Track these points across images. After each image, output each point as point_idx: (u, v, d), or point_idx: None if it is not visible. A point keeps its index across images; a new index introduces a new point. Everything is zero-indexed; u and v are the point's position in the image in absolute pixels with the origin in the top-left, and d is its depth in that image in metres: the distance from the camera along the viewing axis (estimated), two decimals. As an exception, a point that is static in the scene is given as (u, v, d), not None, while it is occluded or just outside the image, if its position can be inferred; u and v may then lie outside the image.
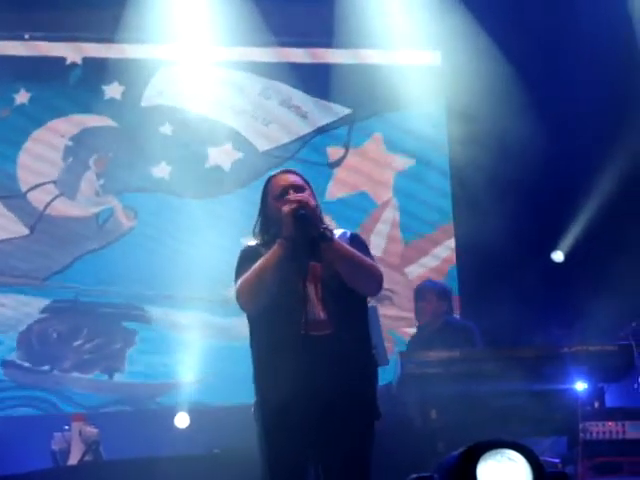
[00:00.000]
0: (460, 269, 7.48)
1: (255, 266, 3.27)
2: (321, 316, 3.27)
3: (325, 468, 3.25)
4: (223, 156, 7.46)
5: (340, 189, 7.54)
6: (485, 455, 3.25)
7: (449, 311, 5.84)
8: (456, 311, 6.63)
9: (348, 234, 3.48)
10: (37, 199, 7.14)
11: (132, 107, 7.35)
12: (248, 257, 3.37)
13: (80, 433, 5.58)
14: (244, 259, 3.39)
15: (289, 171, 3.55)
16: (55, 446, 5.69)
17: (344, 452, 3.22)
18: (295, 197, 3.33)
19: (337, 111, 7.62)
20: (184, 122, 7.37)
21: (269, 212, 3.44)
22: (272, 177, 3.52)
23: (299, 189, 3.41)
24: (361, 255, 3.34)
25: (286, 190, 3.40)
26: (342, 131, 7.65)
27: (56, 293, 7.05)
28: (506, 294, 6.57)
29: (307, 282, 3.27)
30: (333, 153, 7.65)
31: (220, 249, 6.57)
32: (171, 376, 7.00)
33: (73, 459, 5.53)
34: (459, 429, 4.66)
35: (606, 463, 4.62)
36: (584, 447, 4.63)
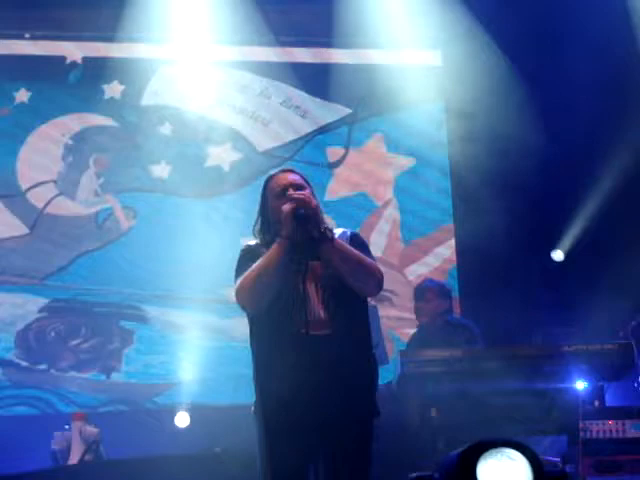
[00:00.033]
0: (460, 269, 7.47)
1: (255, 265, 3.26)
2: (321, 315, 3.26)
3: (325, 467, 3.24)
4: (223, 156, 7.46)
5: (340, 189, 7.54)
6: (485, 454, 3.26)
7: (449, 310, 5.84)
8: (456, 310, 6.63)
9: (348, 233, 3.46)
10: (37, 198, 7.15)
11: (132, 106, 7.37)
12: (248, 256, 3.36)
13: (80, 432, 5.60)
14: (244, 258, 3.38)
15: (289, 170, 3.54)
16: (55, 445, 5.70)
17: (344, 451, 3.21)
18: (295, 194, 3.32)
19: (337, 111, 7.63)
20: (184, 121, 7.39)
21: (269, 211, 3.43)
22: (272, 176, 3.51)
23: (299, 188, 3.39)
24: (362, 255, 3.33)
25: (286, 189, 3.38)
26: (342, 131, 7.66)
27: (55, 292, 7.05)
28: (506, 293, 6.58)
29: (307, 281, 3.27)
30: (333, 153, 7.65)
31: (219, 249, 6.56)
32: (168, 376, 7.00)
33: (73, 458, 5.54)
34: (459, 428, 4.65)
35: (606, 462, 4.61)
36: (584, 446, 4.62)
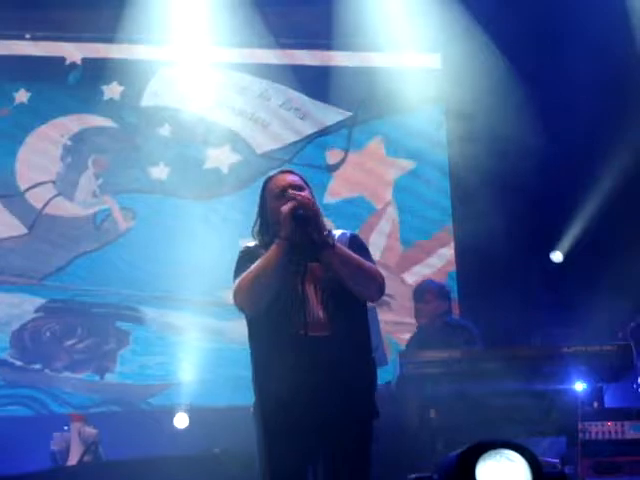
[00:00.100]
0: (460, 270, 7.46)
1: (253, 266, 3.25)
2: (320, 317, 3.25)
3: (324, 468, 3.24)
4: (222, 158, 7.45)
5: (339, 192, 7.53)
6: (484, 455, 3.26)
7: (448, 311, 5.83)
8: (456, 311, 6.62)
9: (348, 234, 3.45)
10: (35, 198, 7.15)
11: (131, 107, 7.37)
12: (247, 258, 3.35)
13: (79, 434, 5.61)
14: (243, 260, 3.37)
15: (288, 171, 3.54)
16: (54, 446, 5.72)
17: (343, 452, 3.21)
18: (294, 195, 3.31)
19: (337, 113, 7.62)
20: (183, 123, 7.38)
21: (268, 212, 3.42)
22: (271, 177, 3.50)
23: (298, 189, 3.38)
24: (362, 260, 3.32)
25: (285, 190, 3.37)
26: (342, 133, 7.64)
27: (53, 293, 7.05)
28: (506, 294, 6.58)
29: (306, 283, 3.27)
30: (332, 156, 7.63)
31: (218, 251, 6.54)
32: (163, 377, 6.98)
33: (72, 459, 5.54)
34: (458, 429, 4.64)
35: (605, 463, 4.61)
36: (583, 447, 4.62)
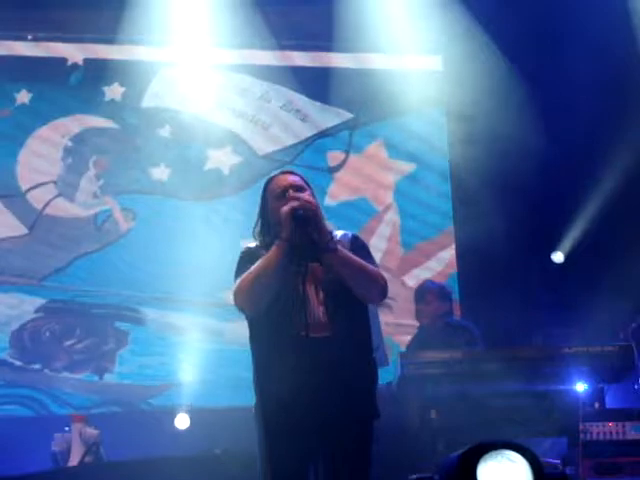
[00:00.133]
0: (461, 270, 7.45)
1: (253, 267, 3.25)
2: (321, 318, 3.25)
3: (325, 469, 3.23)
4: (222, 159, 7.45)
5: (340, 194, 7.52)
6: (485, 456, 3.27)
7: (449, 312, 5.84)
8: (456, 312, 6.61)
9: (349, 235, 3.45)
10: (36, 199, 7.16)
11: (132, 108, 7.37)
12: (247, 258, 3.34)
13: (80, 434, 5.60)
14: (243, 260, 3.37)
15: (289, 172, 3.53)
16: (56, 447, 5.71)
17: (344, 452, 3.20)
18: (294, 195, 3.30)
19: (338, 115, 7.62)
20: (184, 124, 7.39)
21: (269, 213, 3.41)
22: (272, 177, 3.50)
23: (299, 189, 3.38)
24: (365, 263, 3.31)
25: (286, 190, 3.37)
26: (343, 136, 7.64)
27: (52, 293, 7.05)
28: (507, 294, 6.58)
29: (307, 284, 3.26)
30: (334, 158, 7.63)
31: (219, 252, 6.53)
32: (163, 378, 6.98)
33: (74, 460, 5.54)
34: (459, 430, 4.65)
35: (606, 464, 4.61)
36: (584, 448, 4.61)
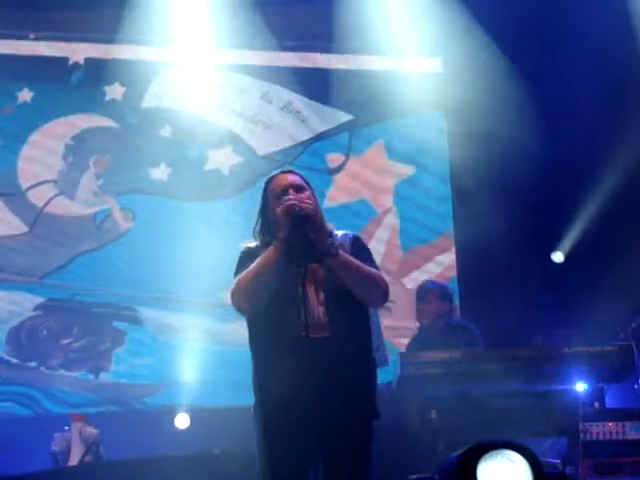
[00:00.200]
0: (461, 270, 7.44)
1: (250, 267, 3.24)
2: (321, 318, 3.24)
3: (325, 469, 3.23)
4: (223, 159, 7.46)
5: (340, 196, 7.52)
6: (485, 456, 3.27)
7: (450, 312, 5.83)
8: (456, 313, 6.61)
9: (350, 235, 3.44)
10: (37, 197, 7.18)
11: (133, 108, 7.39)
12: (247, 258, 3.33)
13: (80, 434, 5.61)
14: (243, 260, 3.35)
15: (290, 171, 3.51)
16: (55, 447, 5.72)
17: (344, 452, 3.20)
18: (293, 197, 3.28)
19: (338, 117, 7.62)
20: (184, 124, 7.39)
21: (269, 212, 3.38)
22: (273, 177, 3.48)
23: (300, 189, 3.36)
24: (366, 267, 3.30)
25: (286, 190, 3.35)
26: (343, 137, 7.64)
27: (53, 291, 7.07)
28: (507, 294, 6.58)
29: (307, 284, 3.26)
30: (333, 159, 7.63)
31: (219, 252, 6.51)
32: (159, 377, 6.99)
33: (73, 460, 5.54)
34: (459, 430, 4.64)
35: (606, 464, 4.61)
36: (584, 448, 4.62)
